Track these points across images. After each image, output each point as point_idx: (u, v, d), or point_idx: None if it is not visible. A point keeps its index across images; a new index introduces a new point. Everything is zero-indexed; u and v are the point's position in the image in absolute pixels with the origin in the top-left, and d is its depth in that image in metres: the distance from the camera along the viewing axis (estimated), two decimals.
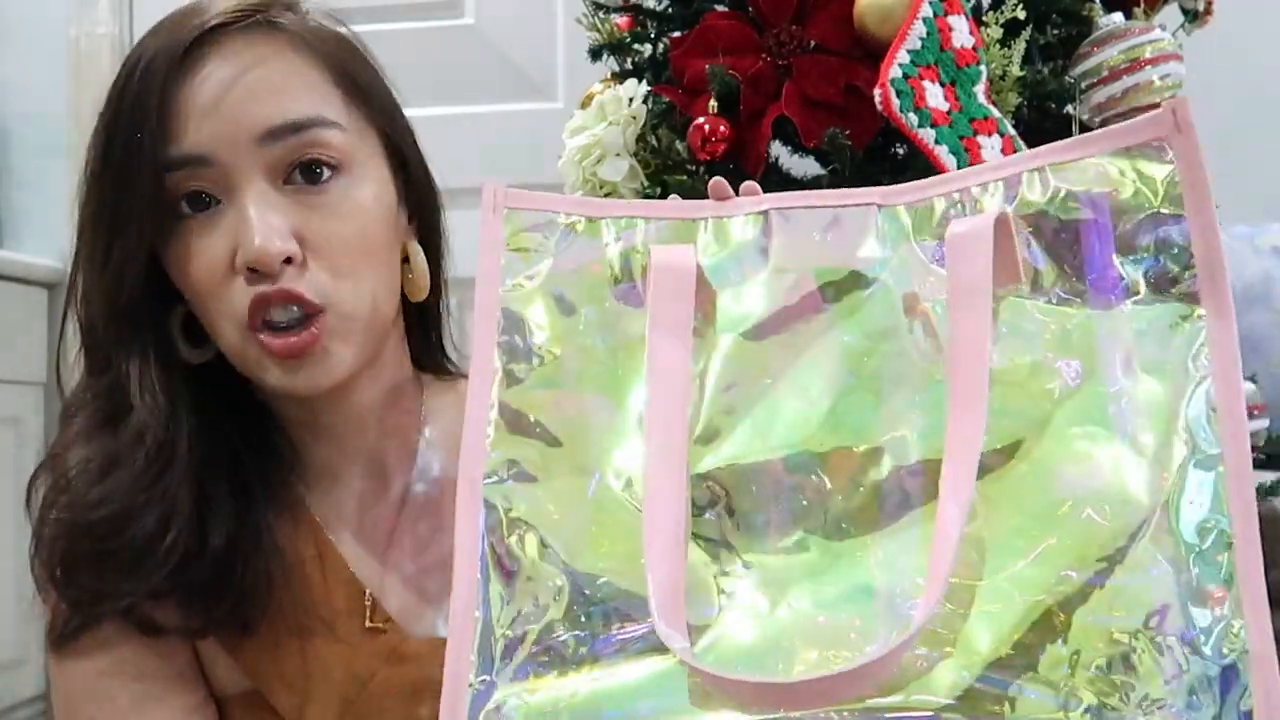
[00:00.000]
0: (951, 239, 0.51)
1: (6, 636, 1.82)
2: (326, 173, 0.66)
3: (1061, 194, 0.51)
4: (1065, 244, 0.51)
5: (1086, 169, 0.52)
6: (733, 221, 0.57)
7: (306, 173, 0.65)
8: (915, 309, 0.52)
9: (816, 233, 0.55)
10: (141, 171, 0.63)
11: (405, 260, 0.73)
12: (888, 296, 0.53)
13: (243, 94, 0.64)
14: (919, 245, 0.53)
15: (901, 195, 0.55)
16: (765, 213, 0.56)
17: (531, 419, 0.53)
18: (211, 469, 0.67)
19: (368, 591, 0.72)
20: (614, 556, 0.50)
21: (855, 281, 0.53)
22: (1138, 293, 0.49)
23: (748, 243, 0.56)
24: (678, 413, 0.52)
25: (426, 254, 0.75)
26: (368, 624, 0.71)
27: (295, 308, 0.64)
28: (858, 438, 0.50)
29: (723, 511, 0.51)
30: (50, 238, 2.13)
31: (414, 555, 0.73)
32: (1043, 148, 0.53)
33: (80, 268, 0.67)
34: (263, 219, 0.63)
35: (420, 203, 0.75)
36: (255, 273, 0.63)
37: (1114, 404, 0.48)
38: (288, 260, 0.63)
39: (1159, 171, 0.50)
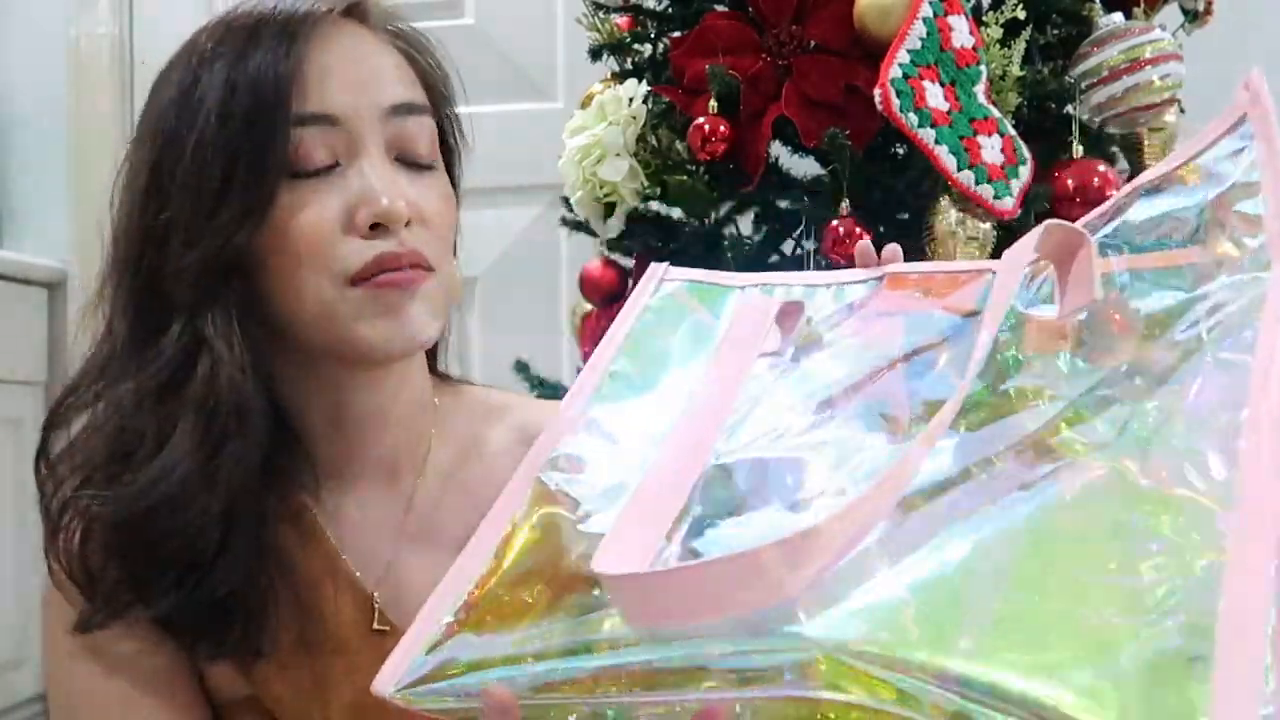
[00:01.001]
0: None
1: (6, 636, 1.82)
2: (426, 162, 0.69)
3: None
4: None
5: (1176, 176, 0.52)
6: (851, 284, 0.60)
7: (412, 159, 0.68)
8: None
9: (919, 290, 0.57)
10: (275, 124, 0.63)
11: None
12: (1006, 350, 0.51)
13: (375, 68, 0.67)
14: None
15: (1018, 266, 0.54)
16: (882, 276, 0.59)
17: (606, 428, 0.57)
18: (253, 464, 0.66)
19: (374, 597, 0.72)
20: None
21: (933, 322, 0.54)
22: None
23: (859, 296, 0.59)
24: (716, 406, 0.53)
25: None
26: (374, 628, 0.71)
27: (417, 270, 0.66)
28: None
29: None
30: (50, 238, 2.13)
31: (419, 562, 0.73)
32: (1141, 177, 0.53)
33: (173, 220, 0.65)
34: (388, 180, 0.65)
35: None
36: (377, 230, 0.64)
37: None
38: (407, 224, 0.65)
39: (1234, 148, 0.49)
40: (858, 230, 1.02)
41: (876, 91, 0.99)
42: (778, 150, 1.15)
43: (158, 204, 0.66)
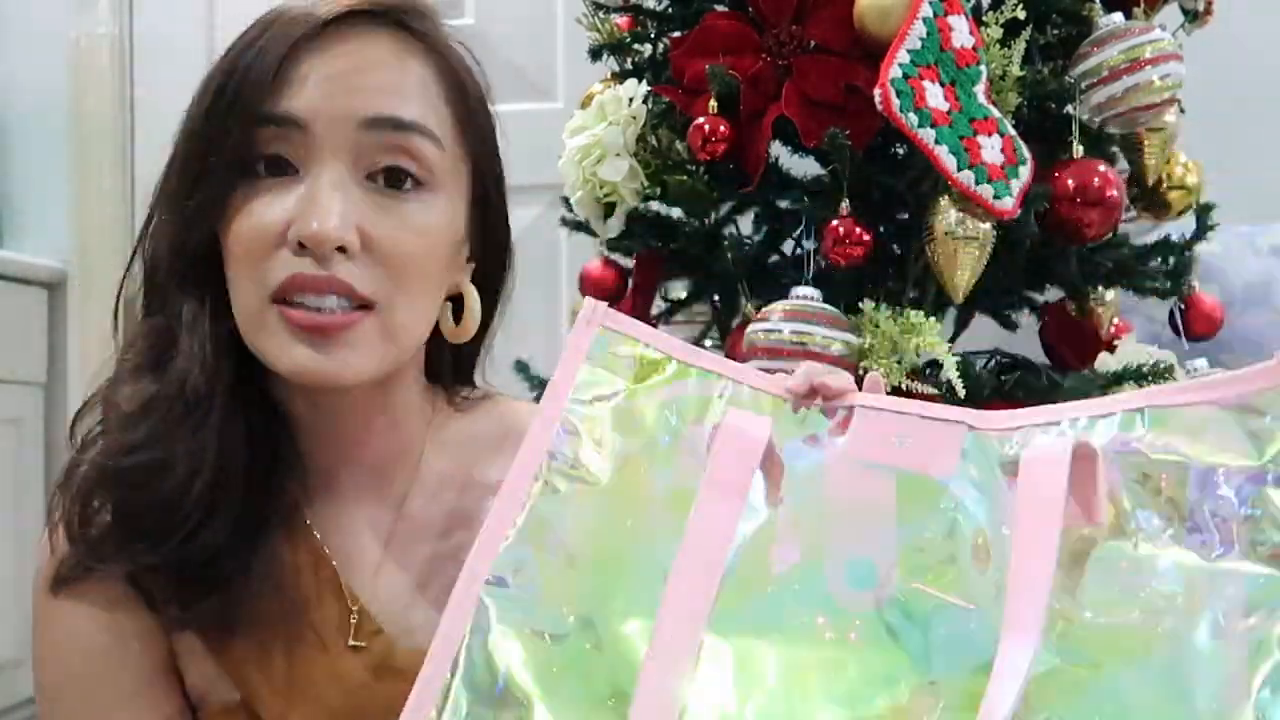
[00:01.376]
0: (1027, 462, 0.49)
1: (6, 636, 1.82)
2: (409, 184, 0.65)
3: (1160, 441, 0.49)
4: (1159, 488, 0.48)
5: (1191, 417, 0.49)
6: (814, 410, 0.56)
7: (391, 177, 0.65)
8: (982, 553, 0.49)
9: (896, 437, 0.53)
10: (240, 120, 0.63)
11: (449, 299, 0.72)
12: (958, 524, 0.50)
13: (357, 77, 0.64)
14: (1005, 479, 0.51)
15: (994, 422, 0.52)
16: (851, 407, 0.55)
17: (557, 535, 0.52)
18: (236, 443, 0.66)
19: (360, 603, 0.71)
20: (583, 701, 0.49)
21: (929, 492, 0.51)
22: (1234, 548, 0.46)
23: (825, 430, 0.55)
24: (708, 571, 0.50)
25: (482, 299, 0.74)
26: (354, 638, 0.70)
27: (342, 299, 0.63)
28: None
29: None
30: (50, 238, 2.13)
31: (407, 569, 0.73)
32: (1151, 390, 0.52)
33: (160, 204, 0.68)
34: (330, 200, 0.62)
35: (487, 247, 0.75)
36: (303, 248, 0.62)
37: (1187, 663, 0.45)
38: (341, 249, 0.62)
39: (1268, 431, 0.48)
40: (858, 230, 1.02)
41: (876, 91, 0.98)
42: (778, 150, 1.15)
43: (162, 186, 0.68)
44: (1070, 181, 1.05)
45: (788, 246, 1.23)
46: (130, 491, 0.65)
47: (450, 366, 0.79)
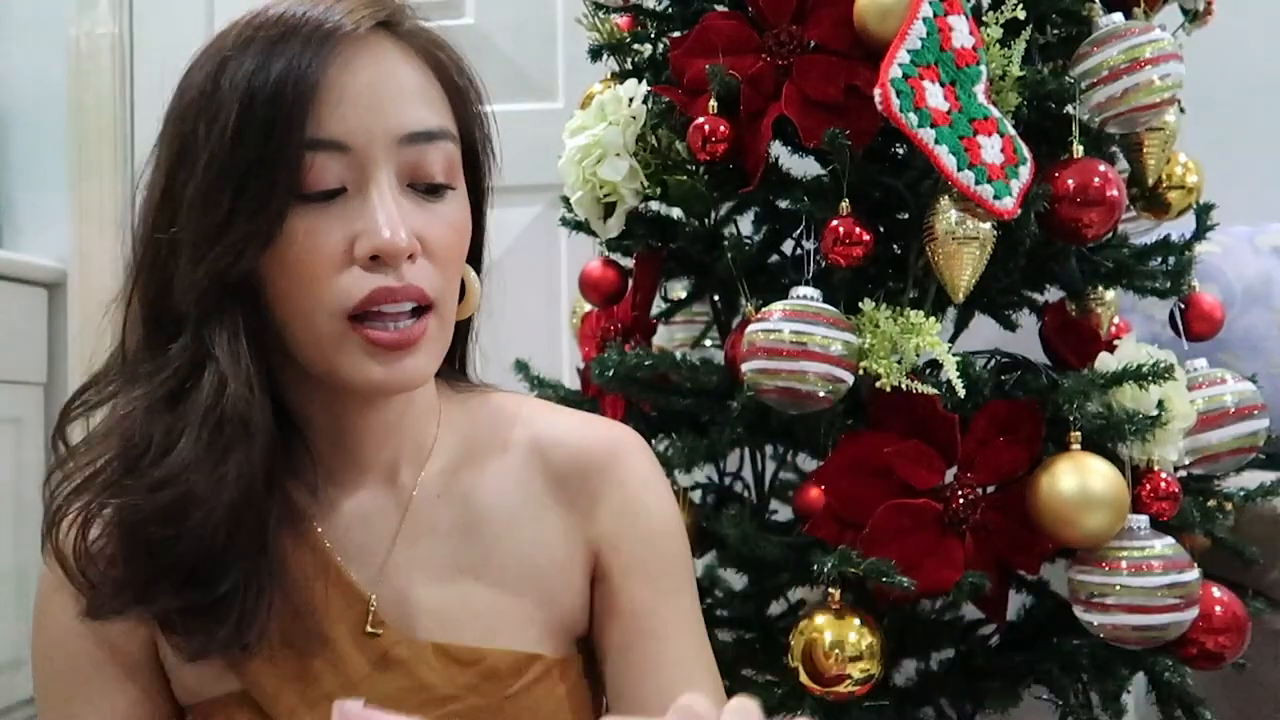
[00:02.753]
0: None
1: (6, 636, 1.82)
2: (443, 188, 0.69)
3: None
4: None
5: None
6: None
7: (425, 185, 0.68)
8: None
9: None
10: (290, 146, 0.63)
11: None
12: None
13: (391, 92, 0.66)
14: None
15: None
16: None
17: None
18: (262, 471, 0.66)
19: (369, 599, 0.72)
20: None
21: None
22: None
23: None
24: None
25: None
26: (365, 630, 0.72)
27: (409, 305, 0.66)
28: None
29: None
30: (50, 238, 2.13)
31: (412, 565, 0.74)
32: None
33: (186, 235, 0.65)
34: (392, 211, 0.65)
35: (474, 234, 0.76)
36: (375, 261, 0.64)
37: None
38: (409, 256, 0.65)
39: None
40: (858, 230, 1.02)
41: (876, 91, 0.98)
42: (778, 150, 1.15)
43: (170, 215, 0.67)
44: (1070, 181, 1.05)
45: (788, 246, 1.23)
46: (157, 532, 0.64)
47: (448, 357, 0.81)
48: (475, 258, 0.78)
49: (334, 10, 0.66)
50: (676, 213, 1.21)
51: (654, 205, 1.21)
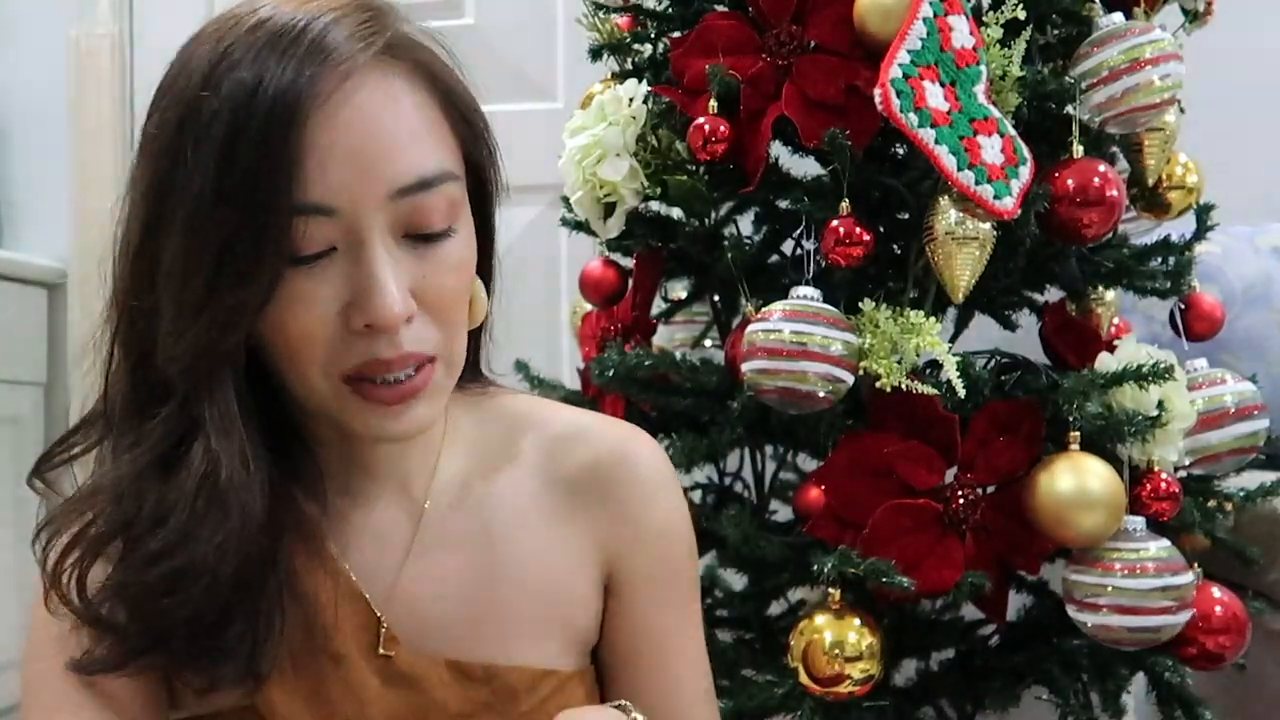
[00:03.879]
0: None
1: (6, 637, 1.82)
2: (440, 231, 0.65)
3: None
4: None
5: None
6: None
7: (424, 233, 0.64)
8: None
9: None
10: (275, 212, 0.59)
11: None
12: None
13: (378, 147, 0.61)
14: None
15: None
16: None
17: None
18: (260, 523, 0.64)
19: (380, 616, 0.70)
20: None
21: None
22: None
23: None
24: None
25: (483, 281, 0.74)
26: (378, 648, 0.70)
27: (411, 367, 0.64)
28: None
29: None
30: (50, 238, 2.13)
31: (425, 579, 0.72)
32: None
33: (166, 303, 0.62)
34: (386, 277, 0.61)
35: (483, 231, 0.73)
36: (370, 329, 0.62)
37: None
38: (407, 319, 0.63)
39: None
40: (858, 230, 1.02)
41: (876, 91, 0.98)
42: (778, 150, 1.15)
43: (148, 278, 0.63)
44: (1070, 181, 1.05)
45: (788, 246, 1.23)
46: (160, 602, 0.62)
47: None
48: (485, 268, 0.75)
49: (325, 39, 0.60)
50: (676, 213, 1.21)
51: (654, 205, 1.21)
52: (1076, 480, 1.00)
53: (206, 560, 0.62)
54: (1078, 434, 1.03)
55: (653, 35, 1.25)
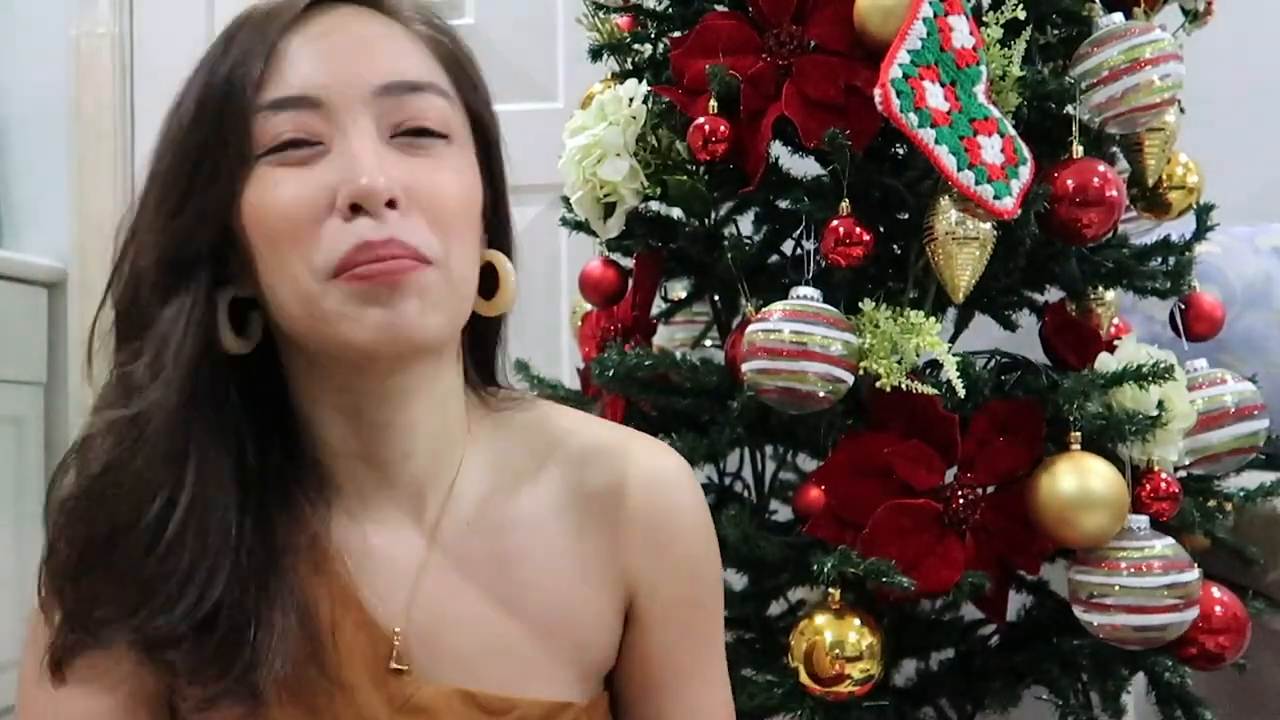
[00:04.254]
0: None
1: (7, 637, 1.82)
2: (433, 139, 0.64)
3: None
4: None
5: None
6: None
7: (416, 133, 0.64)
8: None
9: None
10: (240, 113, 0.60)
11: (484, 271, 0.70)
12: None
13: (362, 48, 0.63)
14: None
15: None
16: None
17: None
18: (222, 462, 0.63)
19: (392, 638, 0.67)
20: None
21: None
22: None
23: None
24: None
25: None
26: (390, 666, 0.67)
27: (403, 260, 0.61)
28: None
29: None
30: (50, 238, 2.13)
31: (438, 604, 0.69)
32: None
33: (142, 221, 0.64)
34: (371, 156, 0.60)
35: (496, 219, 0.73)
36: (357, 211, 0.60)
37: None
38: (391, 204, 0.60)
39: None
40: (858, 230, 1.02)
41: (876, 91, 0.98)
42: (778, 150, 1.15)
43: (140, 206, 0.65)
44: (1070, 181, 1.05)
45: (788, 246, 1.23)
46: (100, 526, 0.61)
47: (480, 358, 0.77)
48: (505, 246, 0.74)
49: None
50: (676, 213, 1.21)
51: (654, 205, 1.21)
52: (1079, 480, 1.00)
53: (150, 485, 0.60)
54: (1079, 434, 1.03)
55: (653, 35, 1.25)
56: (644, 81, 1.18)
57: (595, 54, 1.26)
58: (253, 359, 0.67)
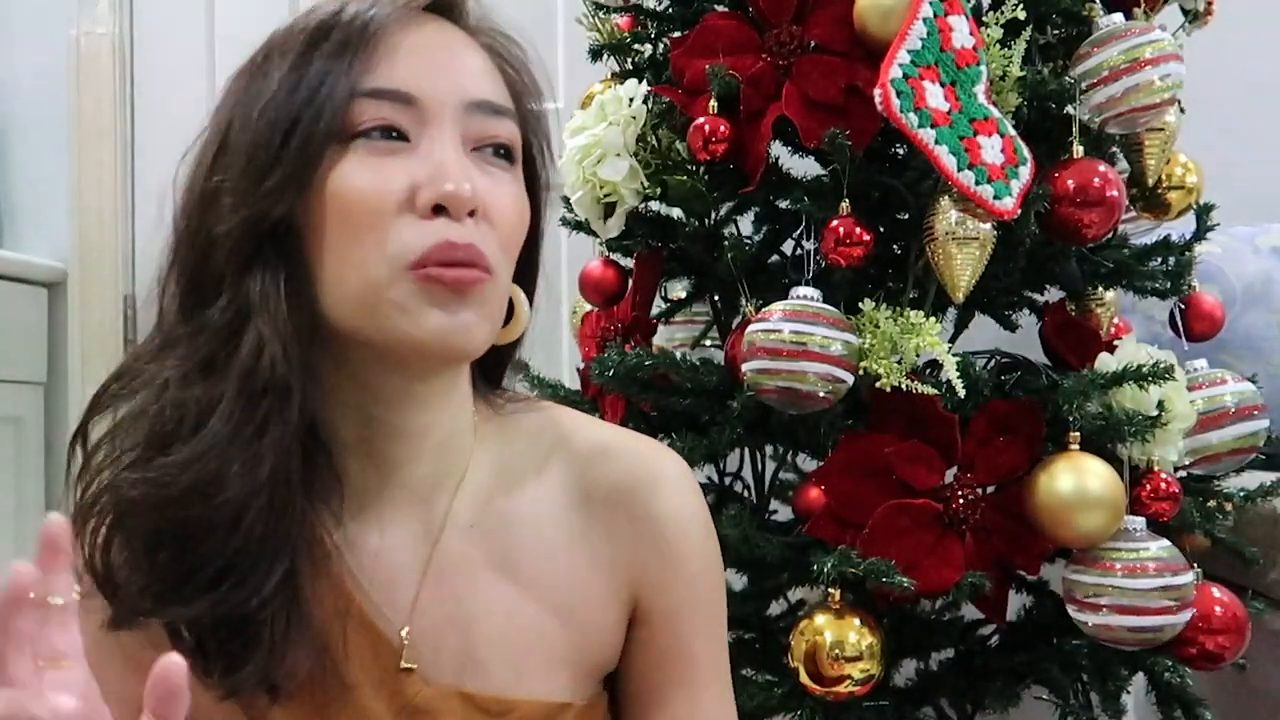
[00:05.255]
0: None
1: None
2: (505, 158, 0.68)
3: None
4: None
5: None
6: None
7: (492, 150, 0.67)
8: None
9: None
10: (340, 93, 0.63)
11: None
12: None
13: (459, 62, 0.67)
14: None
15: None
16: None
17: None
18: (294, 459, 0.62)
19: (393, 639, 0.68)
20: None
21: None
22: None
23: None
24: None
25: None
26: (390, 679, 0.67)
27: (471, 268, 0.63)
28: None
29: None
30: (50, 238, 2.13)
31: (441, 606, 0.69)
32: None
33: (230, 180, 0.64)
34: (459, 164, 0.63)
35: (528, 255, 0.73)
36: (439, 213, 0.62)
37: None
38: (471, 212, 0.63)
39: None
40: (858, 230, 1.02)
41: (876, 91, 0.98)
42: (778, 150, 1.15)
43: (217, 168, 0.65)
44: (1070, 181, 1.05)
45: (788, 246, 1.23)
46: (185, 515, 0.60)
47: (491, 368, 0.79)
48: (529, 284, 0.75)
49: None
50: (676, 213, 1.21)
51: (654, 205, 1.21)
52: (1077, 480, 1.00)
53: (240, 470, 0.60)
54: (1078, 434, 1.03)
55: (653, 35, 1.25)
56: (644, 81, 1.18)
57: (595, 54, 1.27)
58: None
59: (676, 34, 1.20)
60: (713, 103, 1.09)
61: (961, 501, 1.03)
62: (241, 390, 0.61)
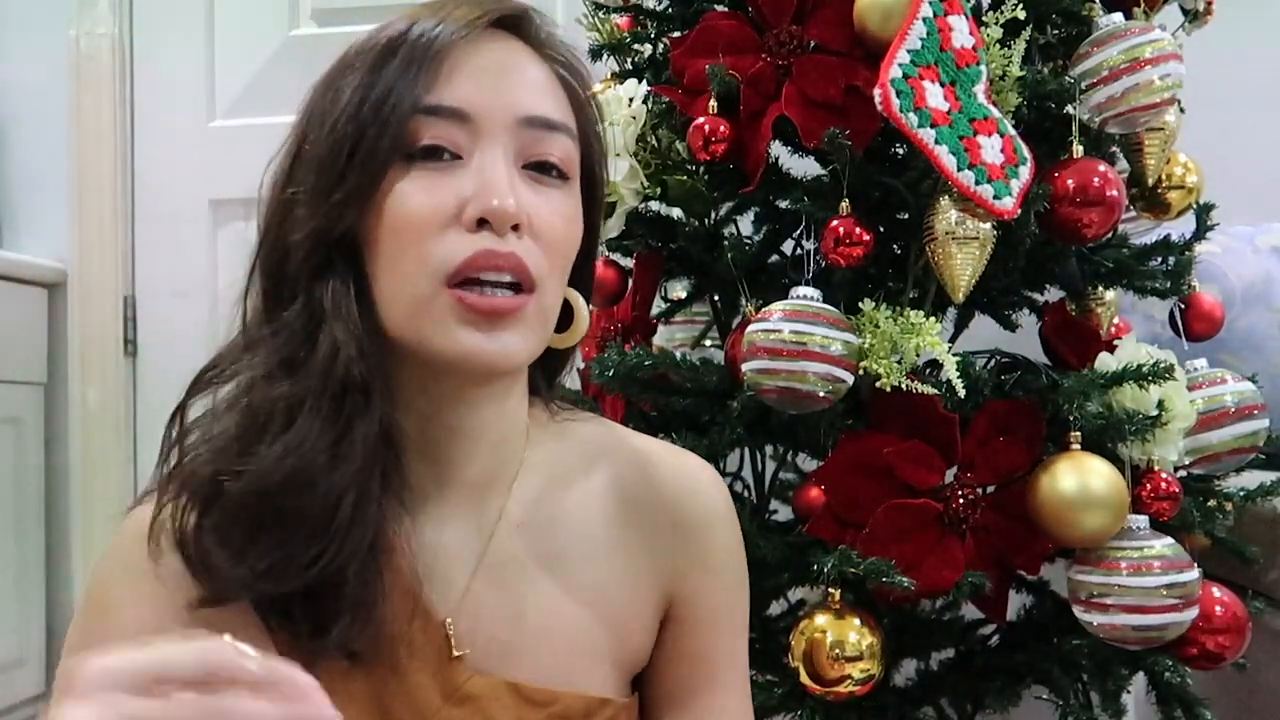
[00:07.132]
0: None
1: (6, 636, 1.82)
2: (557, 177, 0.69)
3: None
4: None
5: None
6: None
7: (543, 168, 0.69)
8: None
9: None
10: (402, 111, 0.65)
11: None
12: None
13: (509, 76, 0.68)
14: None
15: None
16: None
17: None
18: (380, 445, 0.65)
19: (446, 626, 0.70)
20: None
21: None
22: None
23: None
24: None
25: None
26: (443, 666, 0.69)
27: (509, 276, 0.65)
28: None
29: None
30: (50, 238, 2.13)
31: (491, 600, 0.72)
32: None
33: (303, 194, 0.67)
34: (506, 180, 0.65)
35: (583, 263, 0.76)
36: (483, 226, 0.64)
37: None
38: (515, 228, 0.65)
39: None
40: (858, 230, 1.02)
41: (876, 91, 0.99)
42: (778, 150, 1.15)
43: (292, 179, 0.68)
44: (1070, 181, 1.05)
45: (788, 246, 1.23)
46: (277, 508, 0.62)
47: (547, 375, 0.81)
48: (584, 282, 0.77)
49: (460, 14, 0.69)
50: (676, 213, 1.21)
51: (654, 205, 1.21)
52: (1080, 480, 1.00)
53: (331, 465, 0.62)
54: (1079, 434, 1.03)
55: (653, 35, 1.25)
56: (644, 81, 1.18)
57: (595, 54, 1.27)
58: None
59: (676, 34, 1.20)
60: (713, 103, 1.09)
61: (961, 501, 1.03)
62: (324, 389, 0.64)
